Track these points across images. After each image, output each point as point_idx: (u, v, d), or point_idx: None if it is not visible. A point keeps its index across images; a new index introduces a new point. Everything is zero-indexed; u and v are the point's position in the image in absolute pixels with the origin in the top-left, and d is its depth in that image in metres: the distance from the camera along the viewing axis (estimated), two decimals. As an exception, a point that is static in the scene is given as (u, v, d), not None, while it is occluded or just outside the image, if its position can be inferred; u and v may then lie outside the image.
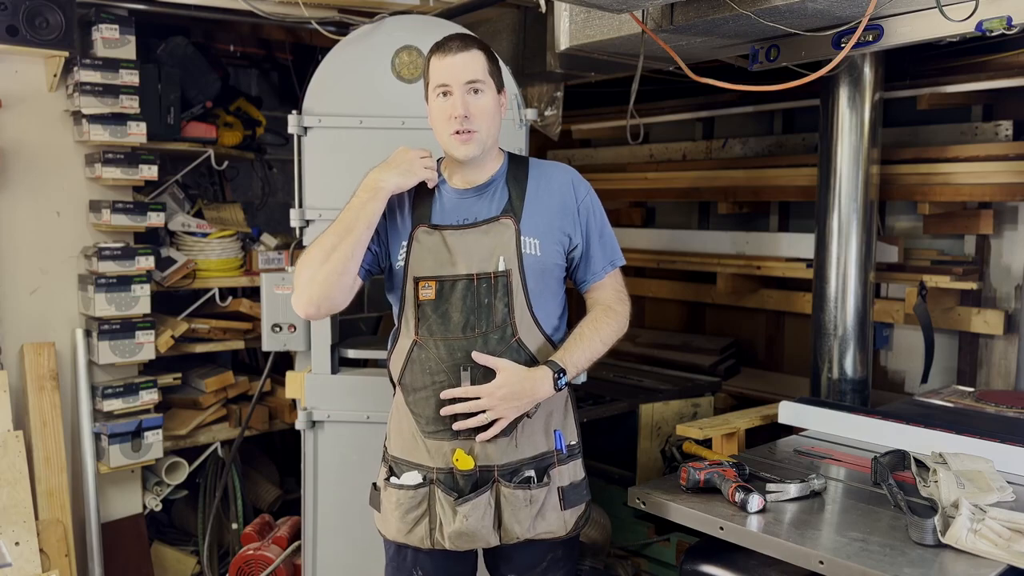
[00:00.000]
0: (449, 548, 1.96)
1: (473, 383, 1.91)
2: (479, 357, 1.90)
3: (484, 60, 1.94)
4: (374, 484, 2.13)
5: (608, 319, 2.04)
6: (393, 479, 2.01)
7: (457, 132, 1.91)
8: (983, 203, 3.21)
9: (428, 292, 1.94)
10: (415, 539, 1.99)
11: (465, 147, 1.92)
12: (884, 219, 3.50)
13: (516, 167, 2.05)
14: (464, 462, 1.94)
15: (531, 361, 1.96)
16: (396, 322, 2.07)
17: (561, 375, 1.92)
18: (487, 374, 1.92)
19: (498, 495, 1.95)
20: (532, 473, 1.98)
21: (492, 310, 1.93)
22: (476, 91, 1.91)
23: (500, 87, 1.98)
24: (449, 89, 1.91)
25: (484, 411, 1.90)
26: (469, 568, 2.13)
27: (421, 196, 2.02)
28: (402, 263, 1.98)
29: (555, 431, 2.03)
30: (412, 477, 1.99)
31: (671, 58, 2.41)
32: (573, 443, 2.08)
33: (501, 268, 1.93)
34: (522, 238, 1.95)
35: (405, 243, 1.98)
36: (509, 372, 1.90)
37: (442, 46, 1.93)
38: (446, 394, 1.92)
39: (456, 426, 1.92)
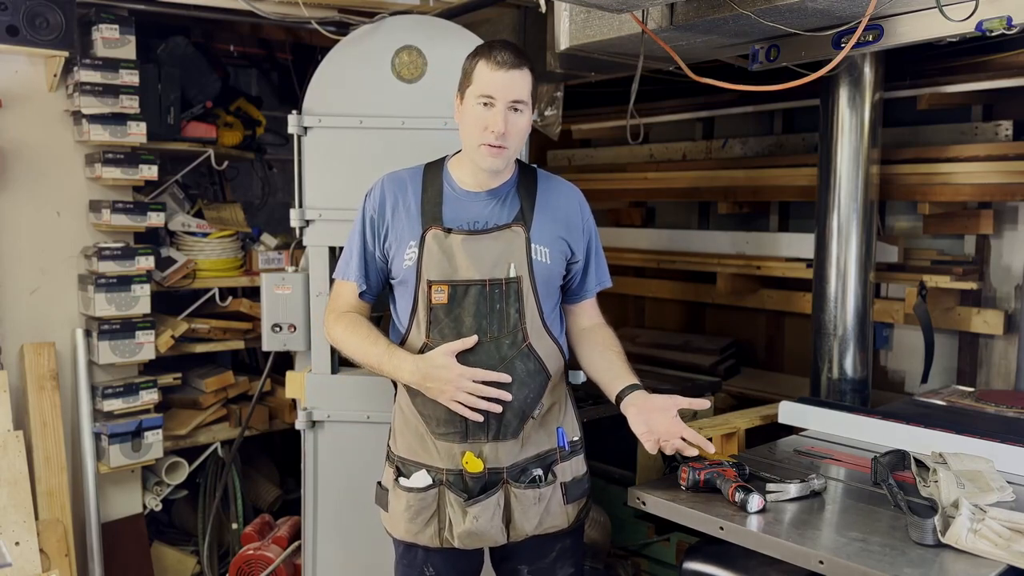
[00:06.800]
0: (458, 547, 1.98)
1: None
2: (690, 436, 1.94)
3: (531, 80, 1.95)
4: (379, 483, 2.14)
5: (616, 338, 2.16)
6: (402, 480, 2.02)
7: (489, 144, 1.92)
8: (983, 203, 3.20)
9: (441, 296, 1.95)
10: (425, 539, 2.01)
11: (493, 160, 1.94)
12: (884, 219, 3.49)
13: (526, 177, 2.09)
14: (473, 465, 1.96)
15: (539, 365, 1.99)
16: (401, 322, 2.06)
17: None
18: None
19: (507, 495, 1.98)
20: (540, 472, 2.02)
21: (504, 315, 1.95)
22: (517, 110, 1.92)
23: (535, 106, 2.01)
24: (493, 102, 1.90)
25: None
26: (477, 563, 2.15)
27: (430, 195, 2.03)
28: (411, 263, 1.98)
29: (557, 428, 2.07)
30: (421, 478, 2.00)
31: (671, 58, 2.41)
32: (575, 439, 2.12)
33: (512, 275, 1.95)
34: (532, 246, 1.98)
35: (415, 243, 1.98)
36: (672, 403, 1.97)
37: (495, 56, 1.91)
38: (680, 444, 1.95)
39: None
